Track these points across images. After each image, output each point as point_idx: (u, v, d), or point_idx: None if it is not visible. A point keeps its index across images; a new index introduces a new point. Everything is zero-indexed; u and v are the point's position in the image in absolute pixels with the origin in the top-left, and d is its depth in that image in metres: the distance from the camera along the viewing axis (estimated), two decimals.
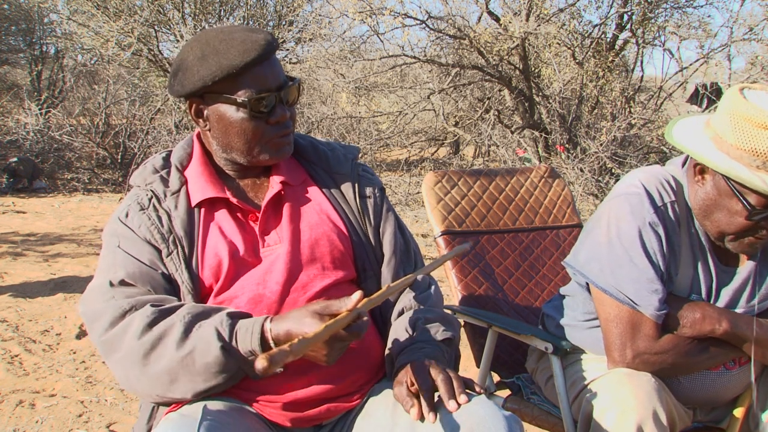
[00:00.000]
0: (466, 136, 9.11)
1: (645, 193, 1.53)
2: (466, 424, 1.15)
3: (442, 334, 1.39)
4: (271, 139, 1.38)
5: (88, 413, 2.75)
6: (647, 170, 1.60)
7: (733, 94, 1.45)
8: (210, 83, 1.32)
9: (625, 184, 1.58)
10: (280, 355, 0.93)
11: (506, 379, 2.00)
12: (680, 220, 1.55)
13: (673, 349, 1.51)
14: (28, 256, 5.50)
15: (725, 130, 1.44)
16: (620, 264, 1.52)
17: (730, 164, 1.41)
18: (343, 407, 1.37)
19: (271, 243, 1.39)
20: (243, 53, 1.31)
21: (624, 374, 1.48)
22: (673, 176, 1.59)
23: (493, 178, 2.35)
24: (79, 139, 10.13)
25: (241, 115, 1.35)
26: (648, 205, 1.52)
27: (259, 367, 0.90)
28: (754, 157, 1.39)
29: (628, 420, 1.39)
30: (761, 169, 1.38)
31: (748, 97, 1.43)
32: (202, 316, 1.25)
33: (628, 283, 1.51)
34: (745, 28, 7.27)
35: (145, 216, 1.36)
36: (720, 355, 1.54)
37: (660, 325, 1.51)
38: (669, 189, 1.55)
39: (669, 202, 1.54)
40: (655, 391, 1.43)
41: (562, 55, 7.84)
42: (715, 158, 1.43)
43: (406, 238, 1.56)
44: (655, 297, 1.50)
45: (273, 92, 1.34)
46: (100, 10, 9.78)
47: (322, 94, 10.21)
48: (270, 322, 1.22)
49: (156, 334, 1.23)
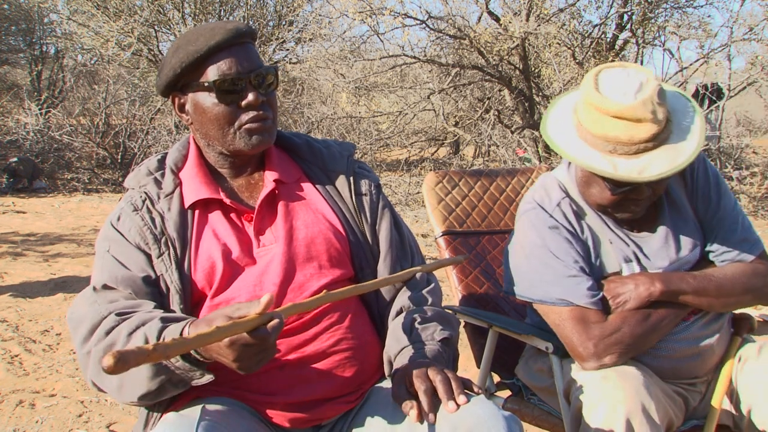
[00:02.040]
0: (466, 136, 9.11)
1: (537, 205, 1.67)
2: (466, 425, 1.14)
3: (440, 334, 1.38)
4: (244, 123, 1.37)
5: (88, 413, 2.75)
6: (536, 184, 1.75)
7: (588, 80, 1.53)
8: (179, 71, 1.35)
9: (522, 205, 1.73)
10: (135, 353, 0.86)
11: (506, 380, 1.99)
12: (577, 212, 1.66)
13: (624, 323, 1.55)
14: (28, 256, 5.50)
15: (583, 117, 1.53)
16: (540, 272, 1.63)
17: (586, 153, 1.51)
18: (341, 408, 1.37)
19: (266, 243, 1.39)
20: (209, 39, 1.34)
21: (613, 371, 1.51)
22: (558, 179, 1.71)
23: (494, 178, 2.35)
24: (79, 139, 10.14)
25: (212, 99, 1.36)
26: (542, 213, 1.65)
27: (104, 365, 0.85)
28: (606, 143, 1.49)
29: (617, 413, 1.41)
30: (613, 153, 1.48)
31: (600, 81, 1.51)
32: (145, 322, 1.23)
33: (553, 286, 1.60)
34: (745, 28, 7.28)
35: (138, 217, 1.37)
36: (670, 314, 1.59)
37: (600, 310, 1.58)
38: (557, 189, 1.68)
39: (559, 201, 1.66)
40: (644, 386, 1.46)
41: (562, 55, 7.84)
42: (572, 149, 1.54)
43: (401, 232, 1.55)
44: (581, 287, 1.57)
45: (242, 75, 1.35)
46: (100, 10, 9.79)
47: (322, 94, 10.22)
48: (189, 326, 1.17)
49: (109, 341, 1.24)
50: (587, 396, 1.50)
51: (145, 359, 0.88)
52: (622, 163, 1.47)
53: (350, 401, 1.38)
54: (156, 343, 0.90)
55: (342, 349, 1.36)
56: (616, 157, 1.48)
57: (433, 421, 1.17)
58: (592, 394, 1.49)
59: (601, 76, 1.53)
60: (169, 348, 0.92)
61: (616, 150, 1.48)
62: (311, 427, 1.37)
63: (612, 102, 1.47)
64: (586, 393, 1.51)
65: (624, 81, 1.49)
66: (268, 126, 1.40)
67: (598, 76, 1.53)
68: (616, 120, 1.47)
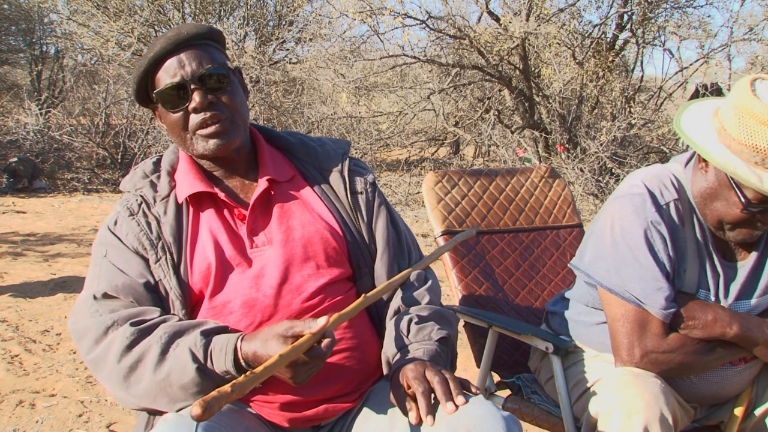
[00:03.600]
0: (466, 136, 9.11)
1: (647, 192, 1.54)
2: (464, 426, 1.14)
3: (438, 333, 1.37)
4: (196, 128, 1.37)
5: (88, 413, 2.75)
6: (649, 170, 1.61)
7: (742, 85, 1.44)
8: (135, 87, 1.38)
9: (627, 185, 1.59)
10: (217, 398, 0.94)
11: (506, 379, 1.99)
12: (683, 218, 1.56)
13: (681, 348, 1.51)
14: (28, 256, 5.50)
15: (729, 123, 1.44)
16: (625, 263, 1.53)
17: (729, 159, 1.42)
18: (341, 408, 1.37)
19: (259, 244, 1.38)
20: (152, 51, 1.35)
21: (630, 375, 1.48)
22: (675, 175, 1.60)
23: (494, 178, 2.35)
24: (79, 139, 10.12)
25: (163, 108, 1.37)
26: (650, 204, 1.53)
27: (192, 414, 0.92)
28: (754, 153, 1.39)
29: (634, 421, 1.39)
30: (759, 166, 1.39)
31: (757, 89, 1.43)
32: (178, 335, 1.24)
33: (633, 282, 1.51)
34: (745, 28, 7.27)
35: (134, 222, 1.36)
36: (728, 355, 1.54)
37: (667, 324, 1.51)
38: (671, 187, 1.56)
39: (671, 201, 1.55)
40: (662, 393, 1.43)
41: (562, 55, 7.84)
42: (714, 152, 1.44)
43: (398, 230, 1.54)
44: (660, 295, 1.50)
45: (185, 80, 1.34)
46: (100, 10, 9.79)
47: (322, 94, 10.21)
48: (242, 341, 1.19)
49: (135, 356, 1.23)
50: (604, 401, 1.47)
51: (227, 400, 0.95)
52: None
53: (350, 401, 1.38)
54: (233, 383, 0.97)
55: (341, 349, 1.36)
56: (762, 170, 1.38)
57: (431, 423, 1.17)
58: (609, 399, 1.46)
59: (758, 85, 1.44)
60: (245, 386, 0.98)
61: (764, 162, 1.38)
62: (311, 427, 1.37)
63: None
64: (603, 398, 1.48)
65: None
66: (223, 127, 1.37)
67: (755, 84, 1.44)
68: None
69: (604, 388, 1.51)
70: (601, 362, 1.65)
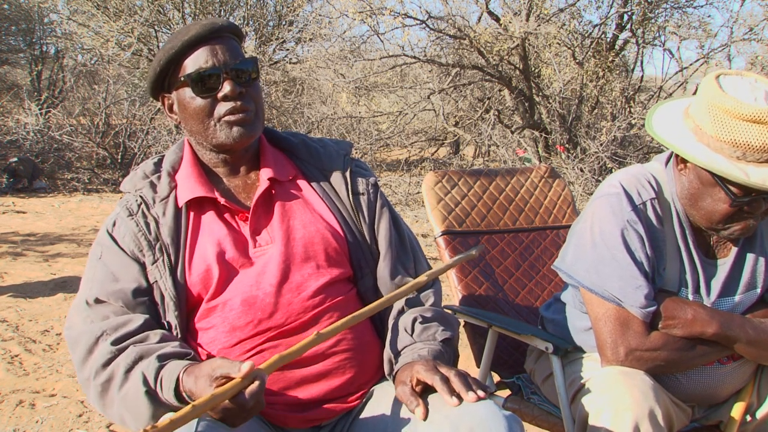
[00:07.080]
0: (466, 136, 9.11)
1: (624, 192, 1.56)
2: (467, 424, 1.14)
3: (441, 334, 1.38)
4: (223, 115, 1.37)
5: (88, 413, 2.75)
6: (628, 170, 1.63)
7: (709, 83, 1.45)
8: (159, 70, 1.38)
9: (606, 185, 1.61)
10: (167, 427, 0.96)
11: (506, 379, 2.00)
12: (661, 217, 1.57)
13: (665, 346, 1.51)
14: (28, 256, 5.50)
15: (704, 121, 1.45)
16: (604, 262, 1.54)
17: (711, 157, 1.42)
18: (341, 408, 1.37)
19: (262, 243, 1.38)
20: (185, 35, 1.36)
21: (619, 373, 1.48)
22: (654, 174, 1.61)
23: (494, 178, 2.35)
24: (79, 139, 10.12)
25: (191, 93, 1.37)
26: (626, 203, 1.54)
27: None
28: (734, 149, 1.40)
29: (624, 419, 1.39)
30: (741, 160, 1.40)
31: (723, 85, 1.44)
32: (144, 356, 1.25)
33: (612, 281, 1.53)
34: (745, 28, 7.27)
35: (133, 222, 1.37)
36: (712, 352, 1.55)
37: (648, 322, 1.52)
38: (648, 187, 1.58)
39: (648, 200, 1.56)
40: (651, 390, 1.43)
41: (562, 55, 7.84)
42: (695, 152, 1.44)
43: (401, 231, 1.54)
44: (639, 293, 1.51)
45: (218, 67, 1.35)
46: (100, 10, 9.79)
47: (322, 94, 10.21)
48: (184, 373, 1.19)
49: (107, 375, 1.26)
50: (594, 400, 1.47)
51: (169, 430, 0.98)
52: (754, 171, 1.38)
53: (350, 401, 1.38)
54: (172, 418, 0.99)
55: (342, 349, 1.36)
56: (744, 164, 1.39)
57: (456, 403, 1.16)
58: (599, 398, 1.47)
59: (723, 81, 1.45)
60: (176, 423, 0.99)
61: (746, 156, 1.39)
62: (311, 427, 1.37)
63: (746, 106, 1.38)
64: (593, 397, 1.48)
65: (750, 87, 1.43)
66: (249, 118, 1.39)
67: (720, 80, 1.45)
68: (747, 124, 1.38)
69: (593, 386, 1.52)
70: (595, 362, 1.65)
